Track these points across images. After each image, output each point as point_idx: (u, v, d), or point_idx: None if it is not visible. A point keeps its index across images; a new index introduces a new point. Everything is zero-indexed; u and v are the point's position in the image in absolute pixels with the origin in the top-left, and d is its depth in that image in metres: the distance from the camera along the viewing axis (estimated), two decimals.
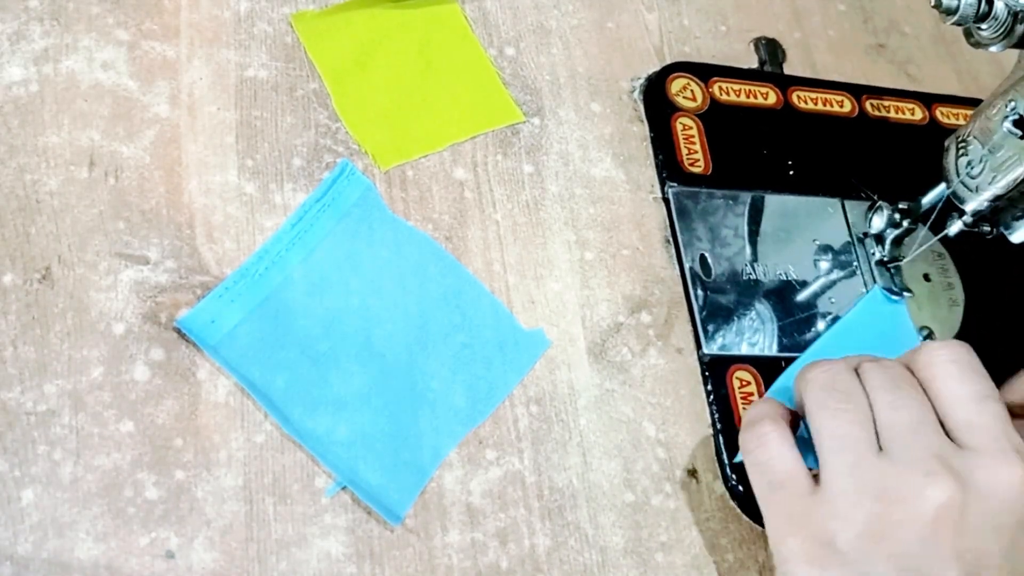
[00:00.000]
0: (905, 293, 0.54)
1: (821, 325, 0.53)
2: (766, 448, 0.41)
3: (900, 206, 0.54)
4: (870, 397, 0.40)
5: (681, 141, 0.56)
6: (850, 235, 0.57)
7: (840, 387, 0.40)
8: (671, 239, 0.54)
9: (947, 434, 0.39)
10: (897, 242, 0.55)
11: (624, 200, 0.54)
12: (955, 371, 0.40)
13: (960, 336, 0.55)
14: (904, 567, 0.37)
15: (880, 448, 0.39)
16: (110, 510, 0.40)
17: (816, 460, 0.40)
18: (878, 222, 0.54)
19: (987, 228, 0.51)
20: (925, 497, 0.37)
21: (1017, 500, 0.37)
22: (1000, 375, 0.47)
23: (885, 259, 0.55)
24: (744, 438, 0.42)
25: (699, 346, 0.51)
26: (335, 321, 0.46)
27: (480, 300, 0.49)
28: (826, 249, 0.56)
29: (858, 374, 0.42)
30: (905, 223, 0.54)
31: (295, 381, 0.44)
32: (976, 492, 0.37)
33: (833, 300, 0.54)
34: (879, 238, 0.55)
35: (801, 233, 0.56)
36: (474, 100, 0.54)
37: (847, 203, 0.58)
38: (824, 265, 0.55)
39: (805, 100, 0.60)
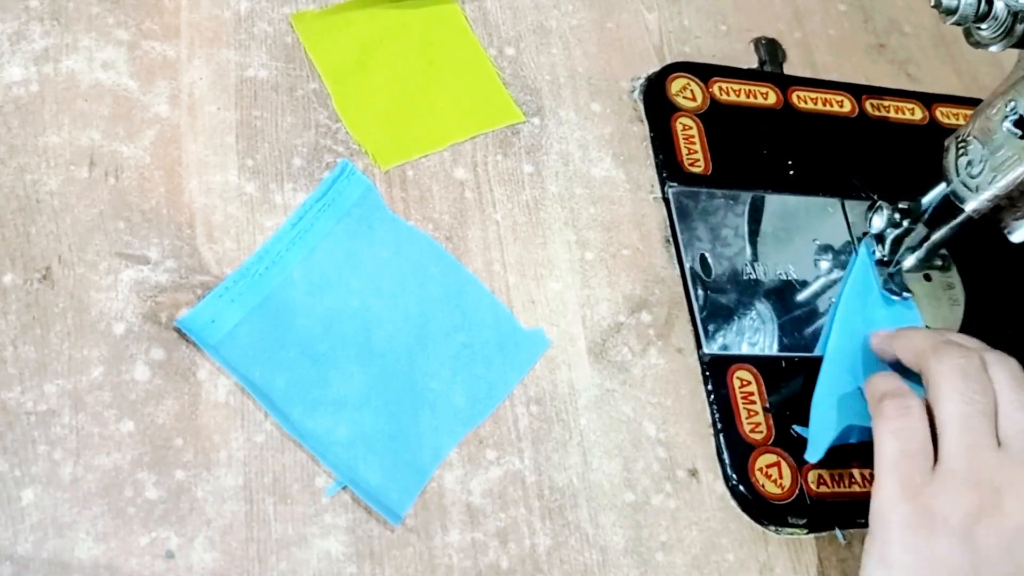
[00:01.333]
0: (905, 294, 0.54)
1: (821, 324, 0.53)
2: (910, 418, 0.43)
3: (900, 206, 0.54)
4: (995, 390, 0.43)
5: (681, 141, 0.56)
6: (850, 235, 0.57)
7: (975, 377, 0.42)
8: (671, 239, 0.54)
9: None
10: (897, 242, 0.55)
11: (624, 200, 0.54)
12: None
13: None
14: (1006, 550, 0.40)
15: (999, 441, 0.41)
16: (110, 510, 0.40)
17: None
18: (878, 222, 0.54)
19: (986, 228, 0.51)
20: None
21: None
22: None
23: (885, 259, 0.55)
24: (889, 403, 0.44)
25: (699, 346, 0.51)
26: (335, 321, 0.46)
27: (480, 300, 0.49)
28: (826, 249, 0.56)
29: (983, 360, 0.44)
30: (905, 223, 0.54)
31: (295, 381, 0.44)
32: None
33: (833, 300, 0.54)
34: (879, 238, 0.55)
35: (801, 233, 0.56)
36: (474, 100, 0.54)
37: (847, 203, 0.58)
38: (824, 265, 0.55)
39: (805, 100, 0.60)
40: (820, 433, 0.48)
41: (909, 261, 0.55)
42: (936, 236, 0.53)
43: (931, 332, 0.47)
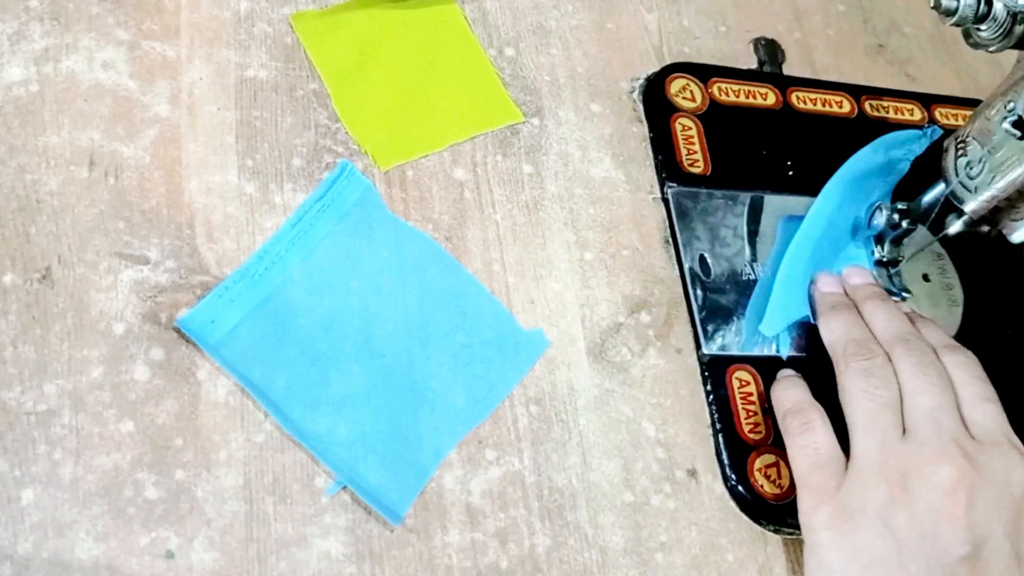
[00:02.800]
0: (904, 294, 0.54)
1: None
2: (812, 433, 0.45)
3: (899, 206, 0.54)
4: (899, 378, 0.45)
5: (680, 141, 0.56)
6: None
7: (877, 374, 0.45)
8: (671, 239, 0.54)
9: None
10: (896, 242, 0.55)
11: (624, 200, 0.54)
12: (970, 374, 0.46)
13: (959, 337, 0.55)
14: (921, 532, 0.41)
15: (905, 428, 0.44)
16: (110, 510, 0.40)
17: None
18: (878, 222, 0.54)
19: (986, 228, 0.51)
20: (941, 472, 0.42)
21: (1017, 488, 0.43)
22: (1001, 374, 0.47)
23: (884, 259, 0.55)
24: (790, 422, 0.46)
25: (698, 346, 0.51)
26: (335, 321, 0.46)
27: (480, 300, 0.49)
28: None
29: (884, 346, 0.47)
30: (904, 223, 0.54)
31: (295, 381, 0.44)
32: (984, 475, 0.42)
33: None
34: (879, 238, 0.55)
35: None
36: (474, 100, 0.54)
37: None
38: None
39: (804, 100, 0.61)
40: (781, 310, 0.51)
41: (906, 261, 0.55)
42: (935, 237, 0.54)
43: (851, 322, 0.48)
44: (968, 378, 0.46)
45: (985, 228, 0.51)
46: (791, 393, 0.48)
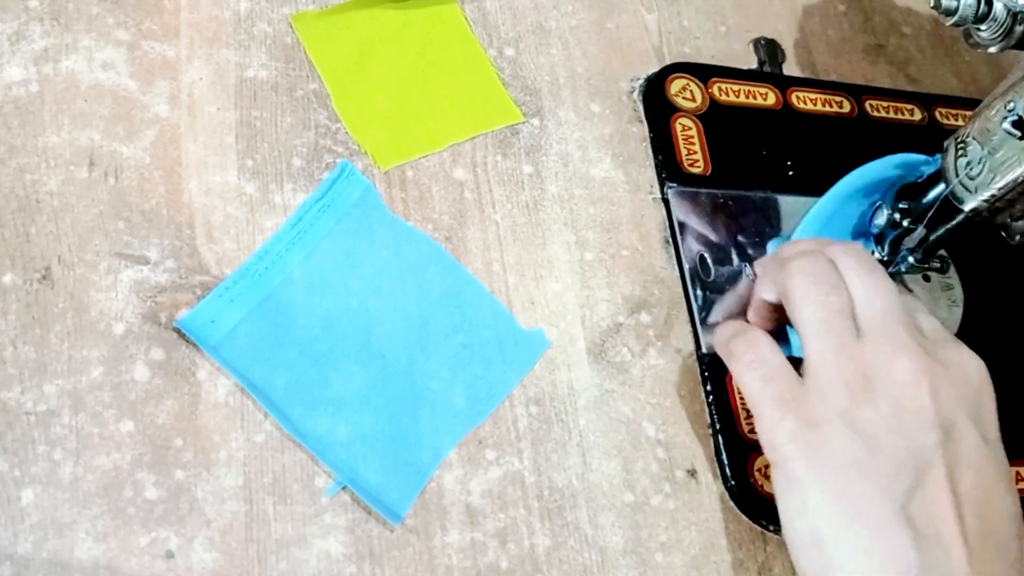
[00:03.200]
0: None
1: None
2: (758, 348, 0.44)
3: (900, 205, 0.54)
4: (847, 279, 0.44)
5: (680, 142, 0.56)
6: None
7: (823, 278, 0.43)
8: (671, 239, 0.54)
9: None
10: (897, 242, 0.55)
11: (624, 200, 0.54)
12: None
13: (960, 336, 0.55)
14: (889, 426, 0.41)
15: (859, 330, 0.43)
16: (110, 510, 0.40)
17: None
18: (879, 221, 0.54)
19: (985, 229, 0.51)
20: (900, 366, 0.41)
21: (975, 378, 0.43)
22: (1001, 374, 0.47)
23: (885, 259, 0.55)
24: (735, 343, 0.45)
25: (699, 346, 0.51)
26: (335, 321, 0.46)
27: (480, 300, 0.49)
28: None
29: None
30: (905, 223, 0.54)
31: (295, 381, 0.44)
32: (942, 365, 0.42)
33: None
34: (879, 238, 0.55)
35: (801, 233, 0.56)
36: (474, 100, 0.54)
37: None
38: None
39: (805, 100, 0.61)
40: None
41: (907, 262, 0.55)
42: (934, 237, 0.53)
43: (778, 253, 0.47)
44: (906, 291, 0.45)
45: (985, 229, 0.51)
46: (732, 324, 0.47)
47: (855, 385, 0.41)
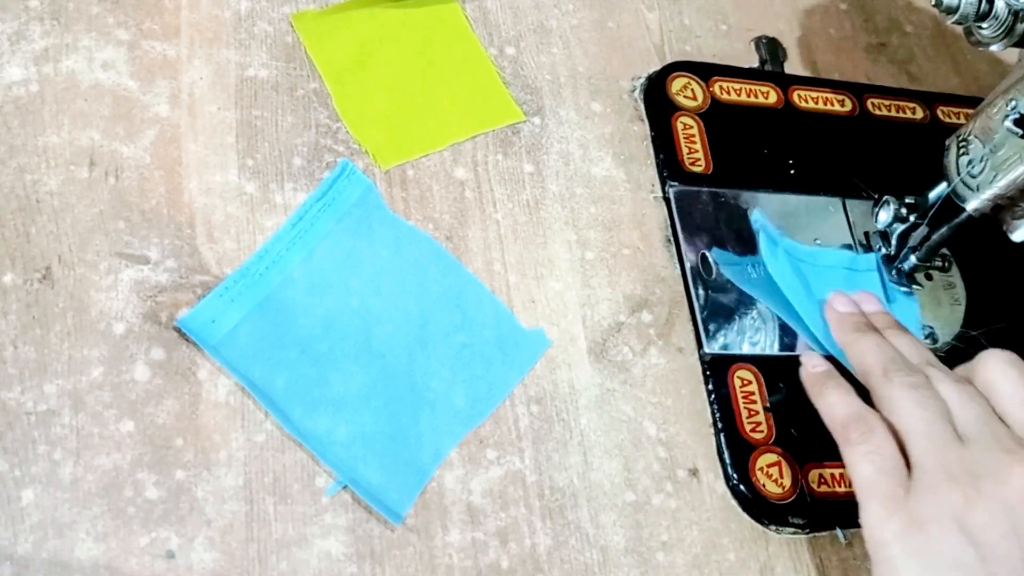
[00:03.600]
0: (913, 286, 0.54)
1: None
2: (875, 438, 0.43)
3: (907, 200, 0.54)
4: (943, 396, 0.44)
5: (682, 140, 0.56)
6: (851, 234, 0.57)
7: (924, 387, 0.44)
8: (672, 238, 0.54)
9: None
10: (903, 237, 0.55)
11: (625, 199, 0.54)
12: (1015, 375, 0.44)
13: (961, 335, 0.55)
14: (1002, 531, 0.40)
15: (960, 436, 0.42)
16: (110, 510, 0.40)
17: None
18: (884, 216, 0.54)
19: (987, 227, 0.51)
20: (1013, 471, 0.41)
21: None
22: None
23: (891, 254, 0.55)
24: (852, 428, 0.44)
25: (700, 345, 0.51)
26: (335, 321, 0.46)
27: (480, 300, 0.49)
28: (830, 247, 0.56)
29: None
30: (912, 218, 0.53)
31: (295, 381, 0.44)
32: None
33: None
34: (884, 234, 0.55)
35: (802, 232, 0.56)
36: (474, 100, 0.54)
37: (848, 202, 0.58)
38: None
39: (806, 99, 0.60)
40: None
41: (910, 261, 0.55)
42: (936, 236, 0.53)
43: (882, 344, 0.47)
44: (1020, 377, 0.44)
45: (986, 228, 0.51)
46: (846, 401, 0.46)
47: (967, 486, 0.41)
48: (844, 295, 0.51)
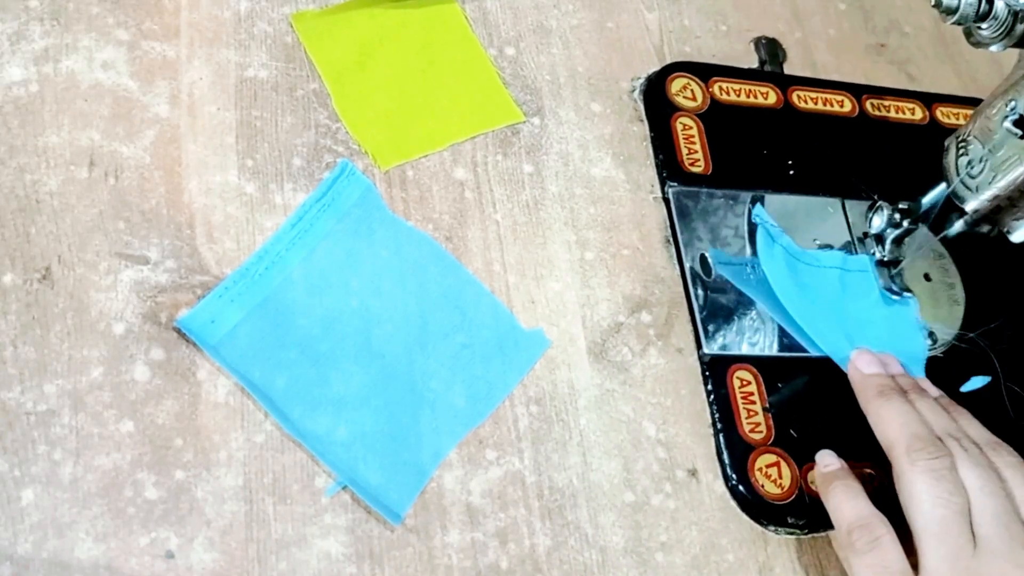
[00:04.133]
0: (905, 293, 0.54)
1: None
2: (882, 551, 0.43)
3: (900, 206, 0.54)
4: (965, 480, 0.44)
5: (681, 141, 0.56)
6: (850, 235, 0.57)
7: (947, 477, 0.43)
8: (671, 239, 0.54)
9: None
10: (897, 242, 0.55)
11: (624, 200, 0.54)
12: (1020, 474, 0.45)
13: (961, 335, 0.55)
14: None
15: (974, 535, 0.42)
16: (110, 510, 0.40)
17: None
18: (878, 222, 0.54)
19: (987, 228, 0.51)
20: None
21: None
22: (1002, 373, 0.47)
23: (885, 259, 0.55)
24: (858, 536, 0.44)
25: (699, 346, 0.51)
26: (335, 321, 0.46)
27: (480, 300, 0.49)
28: (826, 248, 0.56)
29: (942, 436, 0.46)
30: (905, 223, 0.54)
31: (295, 381, 0.44)
32: None
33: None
34: (879, 238, 0.55)
35: (801, 233, 0.56)
36: (474, 100, 0.54)
37: (847, 203, 0.58)
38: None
39: (805, 100, 0.60)
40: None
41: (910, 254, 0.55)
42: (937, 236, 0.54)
43: (907, 414, 0.46)
44: (1020, 478, 0.45)
45: (985, 228, 0.51)
46: (852, 504, 0.45)
47: None
48: (868, 353, 0.50)
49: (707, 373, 0.50)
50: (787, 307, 0.52)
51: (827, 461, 0.48)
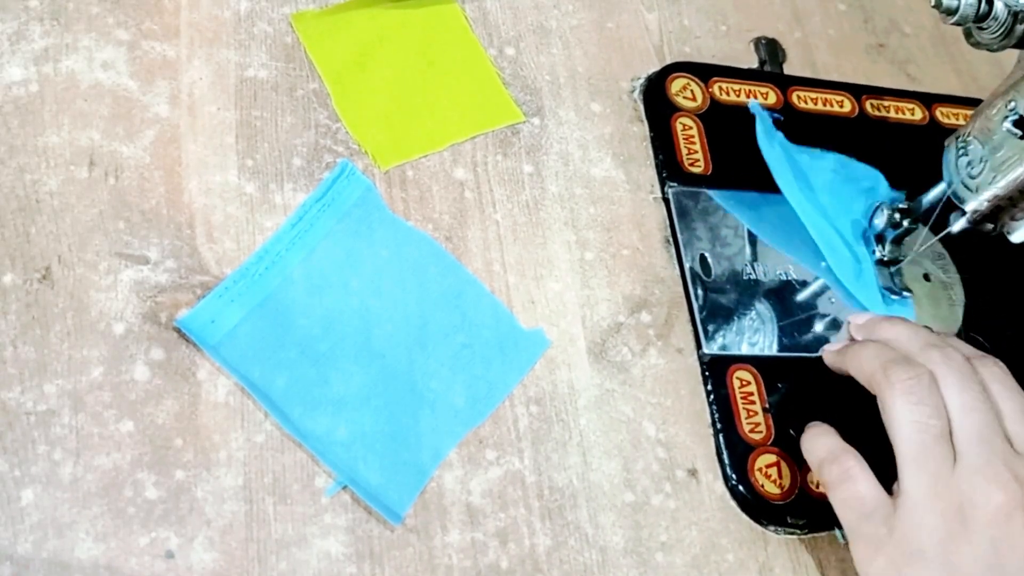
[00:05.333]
0: (905, 293, 0.54)
1: (821, 326, 0.53)
2: (853, 482, 0.43)
3: (900, 206, 0.54)
4: (944, 395, 0.43)
5: (681, 141, 0.56)
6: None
7: (926, 400, 0.43)
8: (671, 239, 0.54)
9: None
10: (897, 242, 0.55)
11: (624, 200, 0.54)
12: (1006, 387, 0.44)
13: (960, 335, 0.55)
14: (987, 563, 0.40)
15: (954, 452, 0.42)
16: (110, 510, 0.40)
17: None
18: (878, 222, 0.54)
19: (989, 226, 0.51)
20: (994, 499, 0.40)
21: None
22: None
23: (885, 259, 0.55)
24: (829, 470, 0.44)
25: (699, 346, 0.51)
26: (335, 321, 0.46)
27: (480, 300, 0.49)
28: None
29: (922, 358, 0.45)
30: (905, 223, 0.54)
31: (295, 381, 0.44)
32: None
33: (833, 300, 0.54)
34: (879, 238, 0.55)
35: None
36: (474, 100, 0.54)
37: None
38: (824, 265, 0.55)
39: (805, 100, 0.60)
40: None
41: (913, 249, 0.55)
42: (937, 236, 0.54)
43: (878, 347, 0.46)
44: (1006, 391, 0.44)
45: (989, 226, 0.51)
46: (822, 441, 0.46)
47: (950, 518, 0.41)
48: (833, 343, 0.51)
49: (707, 373, 0.50)
50: (785, 194, 0.54)
51: (813, 423, 0.48)
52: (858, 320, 0.50)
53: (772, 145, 0.55)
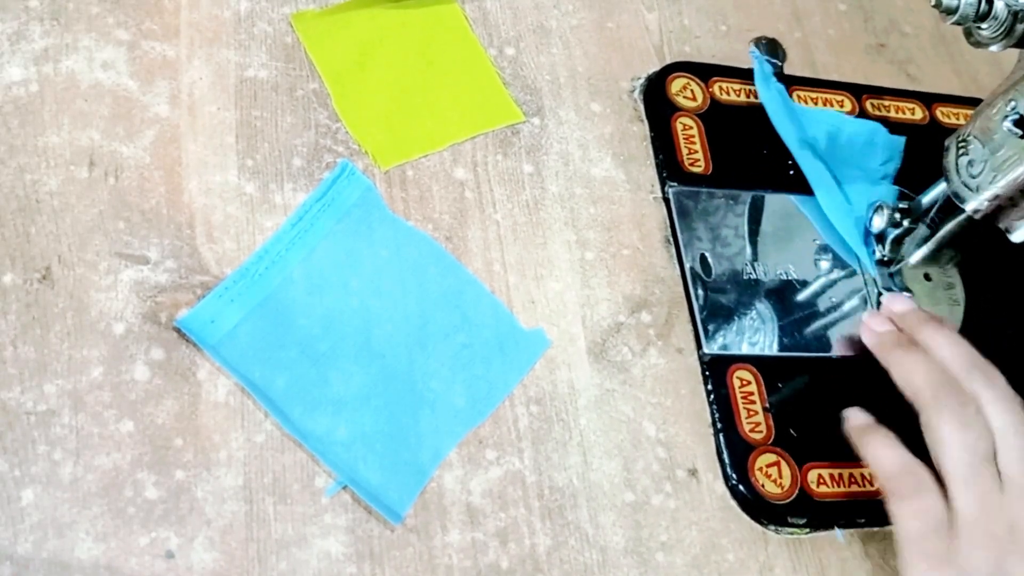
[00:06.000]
0: (905, 294, 0.54)
1: (821, 325, 0.53)
2: (925, 498, 0.43)
3: (901, 205, 0.54)
4: (987, 417, 0.44)
5: (681, 141, 0.56)
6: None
7: (973, 425, 0.44)
8: (671, 239, 0.54)
9: None
10: (898, 242, 0.55)
11: (624, 200, 0.54)
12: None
13: (961, 335, 0.55)
14: None
15: (1000, 474, 0.43)
16: (110, 510, 0.40)
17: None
18: (879, 222, 0.54)
19: (987, 228, 0.51)
20: None
21: None
22: (1002, 373, 0.47)
23: (886, 258, 0.55)
24: (901, 481, 0.44)
25: (699, 346, 0.51)
26: (335, 321, 0.46)
27: (480, 300, 0.49)
28: (826, 249, 0.56)
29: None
30: (906, 223, 0.54)
31: (295, 381, 0.44)
32: None
33: (833, 299, 0.54)
34: (880, 238, 0.55)
35: (801, 233, 0.56)
36: (474, 100, 0.54)
37: None
38: (824, 265, 0.55)
39: (805, 100, 0.60)
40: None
41: (915, 257, 0.55)
42: (939, 235, 0.53)
43: (928, 366, 0.46)
44: None
45: (986, 228, 0.51)
46: (892, 452, 0.46)
47: (1005, 538, 0.42)
48: (876, 314, 0.51)
49: (707, 373, 0.50)
50: (782, 136, 0.56)
51: (857, 415, 0.48)
52: (897, 307, 0.50)
53: (769, 88, 0.56)
